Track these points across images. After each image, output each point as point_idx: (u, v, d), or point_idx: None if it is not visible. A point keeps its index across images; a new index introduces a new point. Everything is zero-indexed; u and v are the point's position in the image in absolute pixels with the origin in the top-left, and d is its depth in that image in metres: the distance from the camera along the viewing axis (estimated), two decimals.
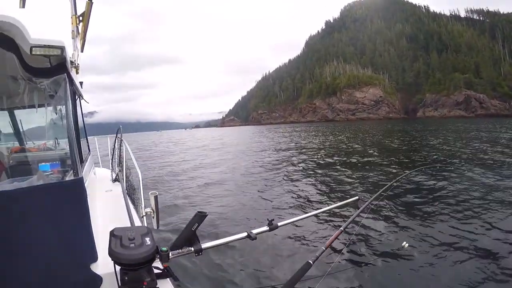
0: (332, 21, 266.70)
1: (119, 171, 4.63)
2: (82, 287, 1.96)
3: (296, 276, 2.30)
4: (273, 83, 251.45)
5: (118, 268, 1.71)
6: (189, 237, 2.03)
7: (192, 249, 2.04)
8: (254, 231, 2.48)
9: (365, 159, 15.83)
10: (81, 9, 2.72)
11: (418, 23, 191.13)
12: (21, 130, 4.78)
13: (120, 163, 4.74)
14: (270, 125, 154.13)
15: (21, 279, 1.80)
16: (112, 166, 5.56)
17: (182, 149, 32.06)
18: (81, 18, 2.52)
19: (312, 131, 54.03)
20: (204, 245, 2.14)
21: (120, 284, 1.71)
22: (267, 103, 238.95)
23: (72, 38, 2.75)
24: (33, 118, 2.71)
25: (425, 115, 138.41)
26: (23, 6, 2.52)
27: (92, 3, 2.47)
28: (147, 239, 1.73)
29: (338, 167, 14.00)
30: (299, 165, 15.04)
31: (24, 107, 2.21)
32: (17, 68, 2.05)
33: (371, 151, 19.25)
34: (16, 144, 4.92)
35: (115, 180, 4.74)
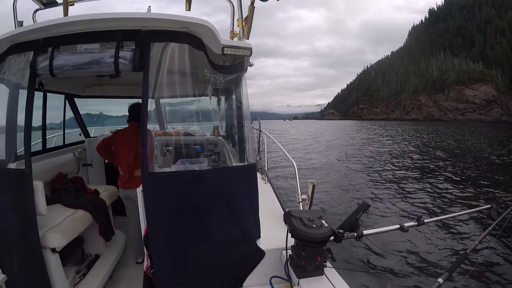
0: (436, 9, 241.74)
1: (260, 158, 4.98)
2: (248, 259, 2.25)
3: (456, 263, 2.49)
4: (375, 76, 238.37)
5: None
6: (352, 224, 2.18)
7: (355, 234, 2.19)
8: (406, 224, 2.60)
9: (491, 168, 15.35)
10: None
11: None
12: (164, 116, 5.33)
13: (259, 151, 5.10)
14: (372, 121, 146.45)
15: (200, 248, 2.12)
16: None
17: (301, 139, 33.88)
18: (245, 21, 2.70)
19: (424, 131, 51.39)
20: (365, 232, 2.27)
21: (295, 259, 1.92)
22: (368, 97, 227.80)
23: (231, 39, 2.92)
24: (189, 107, 2.99)
25: None
26: (189, 9, 2.76)
27: (254, 7, 2.64)
28: (323, 221, 1.90)
29: (466, 172, 14.36)
30: (426, 168, 15.82)
31: (189, 96, 2.47)
32: (203, 65, 2.26)
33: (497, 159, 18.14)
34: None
35: None
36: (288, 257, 2.04)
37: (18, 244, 2.48)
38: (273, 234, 2.35)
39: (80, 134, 5.38)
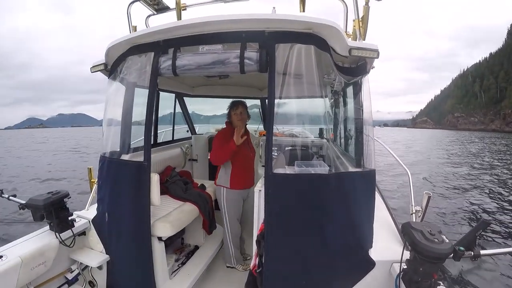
0: None
1: None
2: (358, 269, 2.18)
3: None
4: (472, 81, 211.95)
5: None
6: (470, 242, 1.99)
7: (472, 253, 1.98)
8: None
9: None
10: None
11: None
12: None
13: None
14: (469, 132, 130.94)
15: (314, 253, 2.09)
16: None
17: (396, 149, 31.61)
18: (361, 22, 2.62)
19: None
20: (482, 252, 2.05)
21: (411, 274, 1.82)
22: (465, 104, 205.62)
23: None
24: (298, 108, 2.98)
25: None
26: (303, 11, 2.67)
27: (369, 7, 2.53)
28: (444, 236, 1.78)
29: None
30: None
31: (312, 98, 2.44)
32: (328, 66, 2.24)
33: None
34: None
35: None
36: (401, 270, 1.94)
37: (129, 230, 2.67)
38: (383, 245, 2.28)
39: (187, 131, 5.75)
